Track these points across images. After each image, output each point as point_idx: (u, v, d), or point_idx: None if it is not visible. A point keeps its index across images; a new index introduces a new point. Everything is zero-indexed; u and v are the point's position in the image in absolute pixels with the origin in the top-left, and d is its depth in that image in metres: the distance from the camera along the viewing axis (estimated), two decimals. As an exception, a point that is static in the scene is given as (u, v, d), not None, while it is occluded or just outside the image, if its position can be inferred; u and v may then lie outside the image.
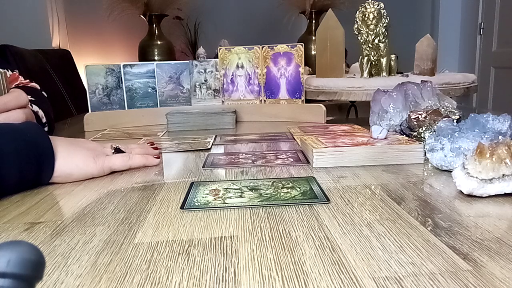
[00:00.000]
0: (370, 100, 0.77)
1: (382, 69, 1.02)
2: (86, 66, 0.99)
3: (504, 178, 0.41)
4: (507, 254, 0.30)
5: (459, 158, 0.50)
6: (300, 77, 1.00)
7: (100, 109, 1.00)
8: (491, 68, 2.77)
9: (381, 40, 0.99)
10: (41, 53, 1.72)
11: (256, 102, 1.04)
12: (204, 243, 0.34)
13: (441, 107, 0.68)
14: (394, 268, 0.29)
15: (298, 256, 0.31)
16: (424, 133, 0.64)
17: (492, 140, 0.47)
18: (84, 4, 2.86)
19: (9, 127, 0.50)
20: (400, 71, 1.16)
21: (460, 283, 0.27)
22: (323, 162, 0.57)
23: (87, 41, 2.91)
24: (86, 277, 0.29)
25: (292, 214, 0.40)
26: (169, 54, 2.46)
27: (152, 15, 2.40)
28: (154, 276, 0.29)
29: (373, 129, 0.63)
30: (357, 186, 0.48)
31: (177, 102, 1.04)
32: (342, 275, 0.28)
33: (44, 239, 0.36)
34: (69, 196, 0.48)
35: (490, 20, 2.75)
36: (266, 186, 0.48)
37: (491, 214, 0.38)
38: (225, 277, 0.29)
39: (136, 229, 0.38)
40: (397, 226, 0.36)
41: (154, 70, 1.02)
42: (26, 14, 2.39)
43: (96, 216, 0.41)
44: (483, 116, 0.52)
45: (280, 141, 0.77)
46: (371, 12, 0.97)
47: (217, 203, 0.43)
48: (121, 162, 0.58)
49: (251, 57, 1.03)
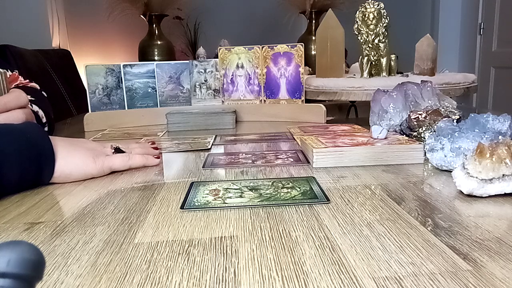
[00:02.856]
0: (370, 100, 0.77)
1: (382, 69, 1.02)
2: (86, 66, 0.99)
3: (504, 178, 0.41)
4: (507, 254, 0.30)
5: (459, 158, 0.50)
6: (300, 77, 1.00)
7: (100, 109, 1.00)
8: (491, 68, 2.77)
9: (381, 40, 0.99)
10: (41, 53, 1.72)
11: (256, 102, 1.04)
12: (204, 243, 0.34)
13: (441, 107, 0.68)
14: (394, 268, 0.29)
15: (298, 256, 0.31)
16: (424, 133, 0.64)
17: (492, 140, 0.47)
18: (84, 4, 2.86)
19: (9, 127, 0.50)
20: (400, 71, 1.16)
21: (460, 283, 0.27)
22: (323, 162, 0.57)
23: (87, 41, 2.91)
24: (86, 277, 0.29)
25: (292, 214, 0.40)
26: (169, 54, 2.46)
27: (152, 15, 2.40)
28: (154, 276, 0.29)
29: (373, 129, 0.63)
30: (357, 186, 0.48)
31: (177, 102, 1.04)
32: (342, 275, 0.28)
33: (44, 239, 0.36)
34: (69, 196, 0.48)
35: (490, 20, 2.75)
36: (266, 186, 0.48)
37: (491, 214, 0.38)
38: (225, 277, 0.29)
39: (136, 229, 0.38)
40: (397, 226, 0.36)
41: (154, 70, 1.02)
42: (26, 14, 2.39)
43: (96, 216, 0.41)
44: (483, 116, 0.52)
45: (280, 141, 0.77)
46: (371, 12, 0.97)
47: (217, 203, 0.43)
48: (121, 162, 0.58)
49: (251, 57, 1.03)
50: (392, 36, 1.02)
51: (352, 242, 0.33)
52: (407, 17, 3.11)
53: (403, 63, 1.39)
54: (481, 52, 2.87)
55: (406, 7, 3.14)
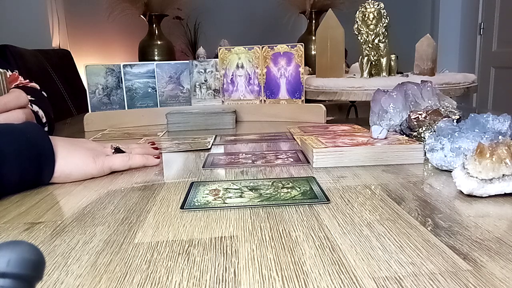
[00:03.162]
0: (370, 100, 0.77)
1: (382, 69, 1.02)
2: (86, 66, 0.99)
3: (504, 178, 0.41)
4: (507, 254, 0.30)
5: (459, 158, 0.50)
6: (300, 77, 1.00)
7: (100, 109, 1.00)
8: (491, 68, 2.77)
9: (381, 40, 0.99)
10: (41, 53, 1.72)
11: (256, 102, 1.04)
12: (204, 243, 0.34)
13: (441, 107, 0.68)
14: (394, 268, 0.29)
15: (298, 256, 0.31)
16: (424, 133, 0.64)
17: (492, 140, 0.47)
18: (84, 4, 2.86)
19: (9, 127, 0.50)
20: (400, 71, 1.16)
21: (460, 283, 0.27)
22: (323, 162, 0.57)
23: (87, 41, 2.91)
24: (86, 277, 0.29)
25: (292, 214, 0.40)
26: (169, 54, 2.46)
27: (152, 15, 2.40)
28: (154, 276, 0.29)
29: (373, 129, 0.63)
30: (357, 186, 0.48)
31: (177, 102, 1.04)
32: (342, 275, 0.28)
33: (44, 239, 0.36)
34: (69, 196, 0.48)
35: (490, 20, 2.75)
36: (266, 186, 0.48)
37: (491, 214, 0.38)
38: (225, 277, 0.29)
39: (136, 229, 0.38)
40: (397, 226, 0.36)
41: (154, 70, 1.02)
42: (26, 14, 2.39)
43: (96, 216, 0.41)
44: (483, 116, 0.52)
45: (280, 141, 0.77)
46: (371, 12, 0.97)
47: (217, 203, 0.43)
48: (121, 162, 0.58)
49: (251, 57, 1.03)
50: (392, 36, 1.02)
51: (352, 242, 0.33)
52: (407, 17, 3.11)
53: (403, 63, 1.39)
54: (481, 52, 2.87)
55: (406, 7, 3.14)
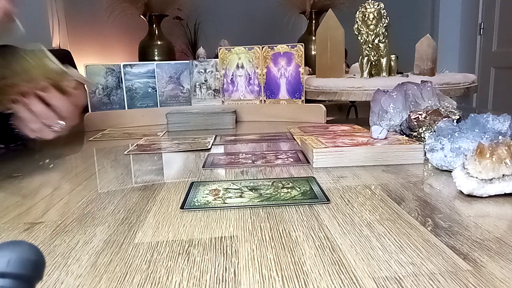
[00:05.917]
0: (370, 100, 0.77)
1: (382, 69, 1.02)
2: (86, 66, 0.99)
3: (504, 178, 0.41)
4: (507, 254, 0.30)
5: (459, 158, 0.50)
6: (300, 77, 1.00)
7: (100, 109, 1.00)
8: (491, 68, 2.77)
9: (381, 40, 0.99)
10: (41, 53, 1.72)
11: (256, 102, 1.04)
12: (204, 243, 0.34)
13: (441, 107, 0.68)
14: (394, 268, 0.29)
15: (298, 256, 0.31)
16: (424, 133, 0.64)
17: (492, 140, 0.47)
18: (84, 4, 2.86)
19: None
20: (400, 71, 1.16)
21: (460, 283, 0.27)
22: (323, 162, 0.57)
23: (87, 41, 2.91)
24: (86, 277, 0.29)
25: (292, 214, 0.40)
26: (169, 54, 2.46)
27: (152, 15, 2.40)
28: (154, 276, 0.29)
29: (373, 129, 0.63)
30: (357, 186, 0.48)
31: (177, 102, 1.04)
32: (342, 275, 0.28)
33: (44, 239, 0.36)
34: (69, 196, 0.48)
35: (490, 20, 2.75)
36: (266, 186, 0.48)
37: (491, 214, 0.38)
38: (225, 277, 0.29)
39: (136, 229, 0.38)
40: (397, 226, 0.36)
41: (154, 70, 1.02)
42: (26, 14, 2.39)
43: (96, 216, 0.41)
44: (483, 116, 0.52)
45: (280, 141, 0.77)
46: (371, 12, 0.97)
47: (217, 203, 0.43)
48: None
49: (251, 57, 1.03)
50: (392, 36, 1.02)
51: (352, 242, 0.33)
52: (407, 17, 3.11)
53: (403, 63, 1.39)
54: (481, 52, 2.87)
55: (406, 7, 3.14)
